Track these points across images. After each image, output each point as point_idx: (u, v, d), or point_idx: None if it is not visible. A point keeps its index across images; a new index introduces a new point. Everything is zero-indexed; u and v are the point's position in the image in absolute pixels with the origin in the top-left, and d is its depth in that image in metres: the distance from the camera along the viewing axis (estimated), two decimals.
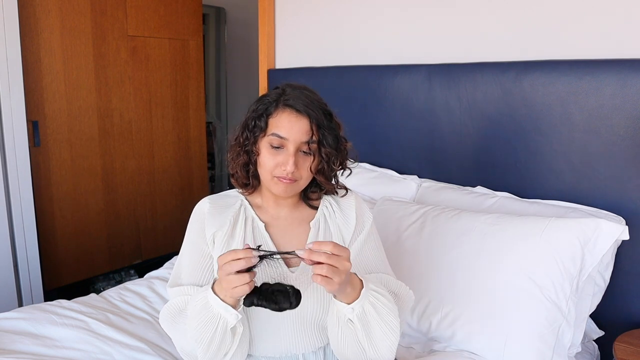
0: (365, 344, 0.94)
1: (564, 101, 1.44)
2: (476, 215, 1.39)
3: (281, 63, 2.36)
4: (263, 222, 1.07)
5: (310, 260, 0.83)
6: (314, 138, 0.98)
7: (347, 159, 1.08)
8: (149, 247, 2.93)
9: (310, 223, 1.08)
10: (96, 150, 2.59)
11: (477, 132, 1.64)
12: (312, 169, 1.00)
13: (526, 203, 1.48)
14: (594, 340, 1.41)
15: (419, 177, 1.79)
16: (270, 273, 1.02)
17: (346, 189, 1.12)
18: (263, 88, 2.38)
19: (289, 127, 0.97)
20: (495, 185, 1.61)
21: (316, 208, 1.10)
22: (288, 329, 1.03)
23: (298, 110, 0.98)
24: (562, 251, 1.22)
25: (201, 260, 1.05)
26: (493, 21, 1.65)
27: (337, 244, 0.85)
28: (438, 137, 1.75)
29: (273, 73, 2.33)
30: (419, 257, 1.37)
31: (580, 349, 1.31)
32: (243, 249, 0.85)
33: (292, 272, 1.03)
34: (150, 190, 2.90)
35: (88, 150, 2.56)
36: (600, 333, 1.40)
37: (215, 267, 1.05)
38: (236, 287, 0.84)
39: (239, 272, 0.84)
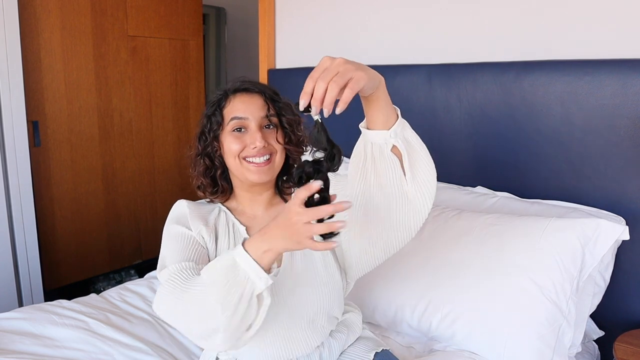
0: (409, 177, 0.86)
1: (564, 101, 1.44)
2: (476, 215, 1.39)
3: (281, 63, 2.36)
4: (244, 225, 1.04)
5: (318, 102, 0.73)
6: (271, 111, 1.00)
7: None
8: (149, 247, 2.93)
9: None
10: (96, 150, 2.59)
11: (477, 132, 1.64)
12: (280, 139, 1.00)
13: (526, 203, 1.48)
14: (594, 340, 1.41)
15: None
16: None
17: None
18: None
19: (244, 107, 0.99)
20: (495, 185, 1.61)
21: None
22: (279, 332, 0.99)
23: (249, 90, 1.01)
24: (562, 251, 1.22)
25: (186, 242, 0.96)
26: (493, 21, 1.65)
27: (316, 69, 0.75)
28: (438, 137, 1.75)
29: (273, 73, 2.33)
30: (419, 257, 1.37)
31: (580, 349, 1.31)
32: (311, 183, 0.75)
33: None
34: (150, 190, 2.90)
35: (88, 150, 2.56)
36: (600, 333, 1.40)
37: (202, 250, 0.96)
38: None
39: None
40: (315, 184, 0.74)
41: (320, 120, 0.75)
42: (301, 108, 0.74)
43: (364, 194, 0.91)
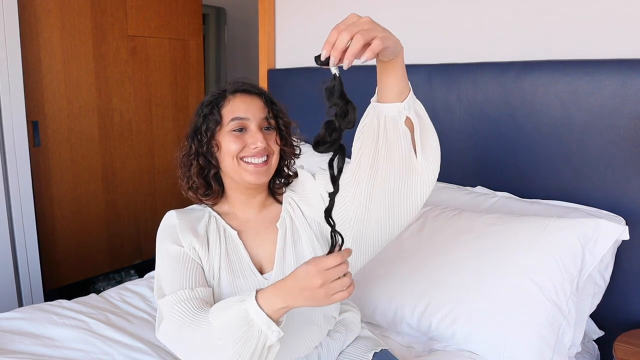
0: (419, 149, 0.88)
1: (564, 101, 1.44)
2: (476, 215, 1.39)
3: (281, 63, 2.36)
4: (235, 229, 1.03)
5: (338, 52, 0.71)
6: (270, 114, 1.02)
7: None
8: (149, 247, 2.92)
9: (277, 224, 1.05)
10: (96, 150, 2.59)
11: (477, 132, 1.64)
12: (278, 141, 1.02)
13: (526, 203, 1.48)
14: (594, 340, 1.41)
15: None
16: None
17: (296, 174, 1.11)
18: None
19: (245, 108, 1.00)
20: (495, 185, 1.61)
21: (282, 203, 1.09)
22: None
23: (249, 92, 1.02)
24: (562, 251, 1.22)
25: (180, 263, 0.96)
26: (493, 21, 1.65)
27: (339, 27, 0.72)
28: (438, 137, 1.74)
29: (273, 73, 2.33)
30: (419, 257, 1.37)
31: (580, 349, 1.31)
32: (342, 252, 0.80)
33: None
34: (150, 190, 2.90)
35: (88, 150, 2.56)
36: (600, 333, 1.40)
37: (197, 268, 0.97)
38: (337, 293, 0.79)
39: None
40: (345, 253, 0.79)
41: (338, 74, 0.73)
42: (322, 58, 0.72)
43: (372, 172, 0.91)
